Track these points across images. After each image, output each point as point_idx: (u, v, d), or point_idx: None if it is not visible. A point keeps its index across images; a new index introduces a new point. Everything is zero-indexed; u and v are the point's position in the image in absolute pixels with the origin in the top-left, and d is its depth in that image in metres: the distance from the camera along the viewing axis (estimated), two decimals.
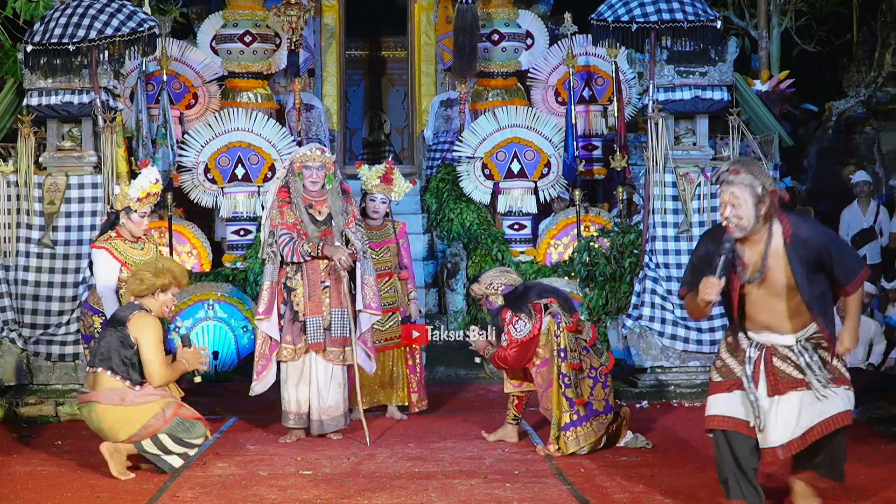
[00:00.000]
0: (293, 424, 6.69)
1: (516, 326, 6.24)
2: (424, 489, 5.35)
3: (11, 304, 7.75)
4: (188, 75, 10.85)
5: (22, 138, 7.81)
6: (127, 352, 5.63)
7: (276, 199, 6.69)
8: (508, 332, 6.26)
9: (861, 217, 11.04)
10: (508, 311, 6.30)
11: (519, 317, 6.24)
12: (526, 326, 6.23)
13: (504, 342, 6.30)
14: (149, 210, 6.51)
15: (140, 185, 6.45)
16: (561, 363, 6.18)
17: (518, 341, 6.23)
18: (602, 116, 11.24)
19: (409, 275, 7.57)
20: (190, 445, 5.71)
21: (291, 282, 6.63)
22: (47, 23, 7.61)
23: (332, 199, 6.69)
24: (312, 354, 6.65)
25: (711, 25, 7.94)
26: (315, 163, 6.64)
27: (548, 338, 6.24)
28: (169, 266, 5.83)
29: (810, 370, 4.50)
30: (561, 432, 6.13)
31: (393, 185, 7.45)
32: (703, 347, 8.12)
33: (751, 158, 4.94)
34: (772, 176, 8.01)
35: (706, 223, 8.09)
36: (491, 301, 6.49)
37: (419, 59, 12.51)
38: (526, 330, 6.22)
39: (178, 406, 5.74)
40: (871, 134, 13.31)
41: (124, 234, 6.44)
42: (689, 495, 5.19)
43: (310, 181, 6.63)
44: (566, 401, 6.15)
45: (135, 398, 5.62)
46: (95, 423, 5.66)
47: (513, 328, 6.24)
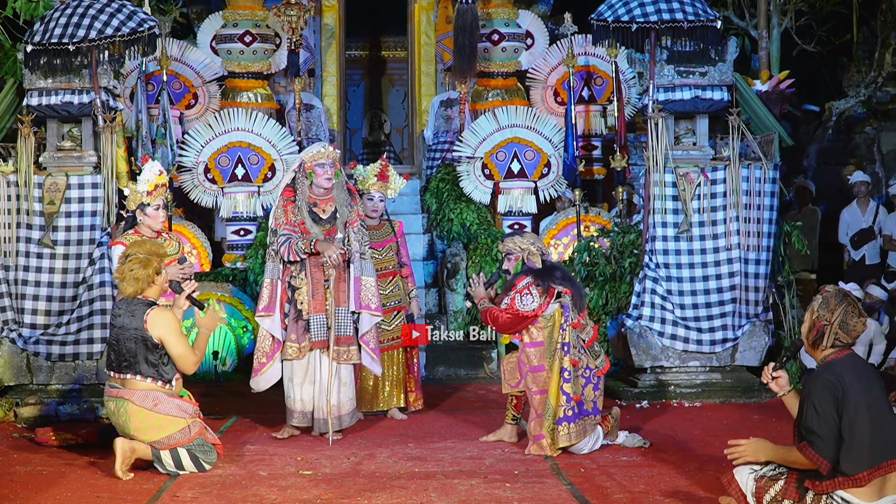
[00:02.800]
0: (297, 423, 6.72)
1: (524, 299, 6.16)
2: (424, 489, 5.35)
3: (11, 304, 7.75)
4: (188, 75, 10.85)
5: (22, 138, 7.80)
6: (153, 355, 5.66)
7: (281, 199, 6.75)
8: (513, 298, 6.18)
9: (860, 217, 11.04)
10: (528, 278, 6.21)
11: (531, 290, 6.16)
12: (533, 302, 6.17)
13: (504, 304, 6.24)
14: (162, 202, 6.60)
15: (146, 178, 6.57)
16: (564, 357, 6.16)
17: (517, 312, 6.17)
18: (602, 116, 11.24)
19: (408, 272, 7.61)
20: (201, 467, 5.72)
21: (295, 280, 6.67)
22: (47, 23, 7.61)
23: (337, 192, 6.76)
24: (317, 353, 6.67)
25: (711, 25, 7.94)
26: (328, 160, 6.72)
27: (546, 322, 6.20)
28: (148, 250, 5.76)
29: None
30: (556, 425, 6.12)
31: (389, 183, 7.48)
32: (703, 347, 8.12)
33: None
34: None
35: (706, 223, 8.10)
36: (530, 259, 6.32)
37: (419, 59, 12.52)
38: (531, 306, 6.17)
39: (202, 427, 5.79)
40: (871, 134, 13.32)
41: (144, 231, 6.56)
42: (689, 495, 5.19)
43: (325, 178, 6.68)
44: (563, 395, 6.14)
45: (168, 409, 5.65)
46: (123, 418, 5.66)
47: (519, 298, 6.17)
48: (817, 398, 4.32)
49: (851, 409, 4.27)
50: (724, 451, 4.63)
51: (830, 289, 4.53)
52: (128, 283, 5.73)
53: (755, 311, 8.17)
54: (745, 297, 8.12)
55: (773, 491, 4.44)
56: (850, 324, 4.41)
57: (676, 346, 8.13)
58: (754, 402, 7.95)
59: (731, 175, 8.07)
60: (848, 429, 4.28)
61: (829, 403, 4.29)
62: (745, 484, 4.56)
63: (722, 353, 8.14)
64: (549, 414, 6.15)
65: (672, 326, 8.12)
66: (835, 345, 4.42)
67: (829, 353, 4.43)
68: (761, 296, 8.17)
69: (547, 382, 6.18)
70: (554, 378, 6.17)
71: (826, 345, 4.42)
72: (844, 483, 4.29)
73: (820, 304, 4.45)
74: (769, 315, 8.24)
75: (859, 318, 4.43)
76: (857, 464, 4.28)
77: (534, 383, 6.22)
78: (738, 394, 8.05)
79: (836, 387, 4.29)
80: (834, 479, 4.31)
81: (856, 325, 4.43)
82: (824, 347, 4.43)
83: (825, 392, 4.30)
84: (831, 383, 4.31)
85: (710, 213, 8.11)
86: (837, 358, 4.41)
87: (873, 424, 4.29)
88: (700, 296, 8.11)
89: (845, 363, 4.39)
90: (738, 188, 8.07)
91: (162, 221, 6.63)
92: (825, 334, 4.42)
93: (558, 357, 6.18)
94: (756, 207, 8.08)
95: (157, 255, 5.76)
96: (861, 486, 4.28)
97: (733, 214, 8.07)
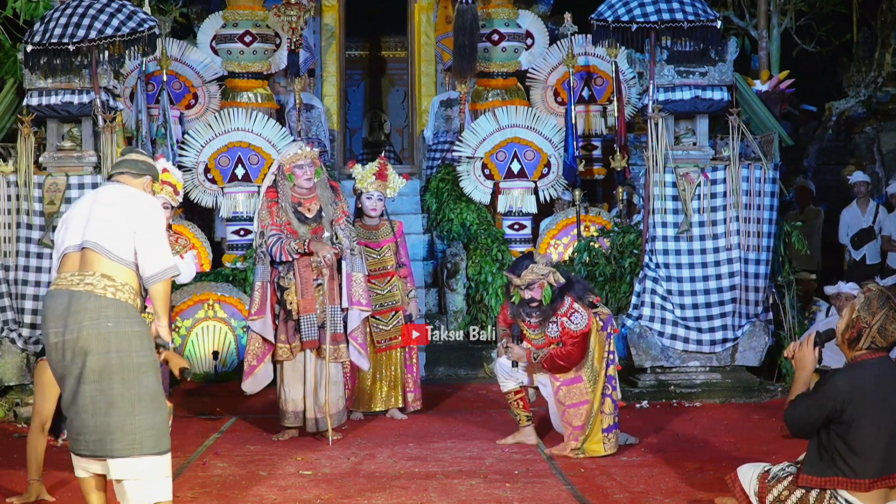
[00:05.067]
0: (290, 423, 6.73)
1: (573, 318, 5.99)
2: (424, 489, 5.35)
3: (11, 304, 7.75)
4: (188, 75, 10.85)
5: (22, 138, 7.81)
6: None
7: (265, 201, 6.75)
8: (563, 324, 6.00)
9: (860, 217, 11.03)
10: (566, 298, 6.03)
11: (574, 307, 6.02)
12: (584, 318, 6.01)
13: (551, 332, 6.04)
14: (167, 203, 6.38)
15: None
16: (609, 366, 6.15)
17: (578, 334, 5.99)
18: (602, 116, 11.24)
19: (407, 272, 7.59)
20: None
21: (284, 281, 6.66)
22: (47, 23, 7.61)
23: (320, 191, 6.76)
24: (307, 352, 6.68)
25: (711, 25, 7.94)
26: (306, 160, 6.71)
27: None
28: None
29: None
30: (603, 434, 6.10)
31: (388, 181, 7.46)
32: (703, 347, 8.12)
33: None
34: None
35: (706, 223, 8.10)
36: (554, 279, 6.07)
37: (419, 59, 12.51)
38: (583, 322, 6.01)
39: None
40: (871, 134, 13.31)
41: None
42: (689, 495, 5.19)
43: (304, 179, 6.68)
44: (612, 403, 6.13)
45: None
46: None
47: (568, 320, 5.99)
48: (819, 396, 4.29)
49: (854, 421, 4.19)
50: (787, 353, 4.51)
51: (874, 288, 4.38)
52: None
53: (755, 311, 8.17)
54: (745, 297, 8.13)
55: (777, 491, 4.42)
56: (888, 329, 4.28)
57: (676, 346, 8.14)
58: (754, 402, 7.95)
59: (731, 175, 8.08)
60: (842, 437, 4.23)
61: (823, 408, 4.25)
62: (748, 483, 4.54)
63: (722, 353, 8.14)
64: (593, 423, 6.11)
65: (672, 326, 8.12)
66: (870, 347, 4.30)
67: (862, 353, 4.31)
68: (761, 296, 8.17)
69: (586, 394, 6.13)
70: (598, 388, 6.13)
71: (862, 346, 4.30)
72: (843, 483, 4.27)
73: (861, 305, 4.30)
74: (769, 315, 8.24)
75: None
76: (862, 469, 4.24)
77: (567, 397, 6.16)
78: (738, 394, 8.06)
79: (839, 397, 4.21)
80: (832, 478, 4.29)
81: (894, 332, 4.29)
82: (859, 348, 4.32)
83: (826, 397, 4.25)
84: (839, 391, 4.22)
85: (710, 213, 8.11)
86: (867, 359, 4.29)
87: (893, 433, 4.22)
88: (700, 296, 8.12)
89: (872, 367, 4.28)
90: (738, 188, 8.07)
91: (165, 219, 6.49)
92: (863, 336, 4.29)
93: (603, 367, 6.12)
94: (756, 207, 8.09)
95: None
96: (862, 491, 4.25)
97: (733, 214, 8.08)
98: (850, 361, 4.36)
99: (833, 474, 4.28)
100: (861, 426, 4.22)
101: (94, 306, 4.30)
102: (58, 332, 4.33)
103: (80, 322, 4.28)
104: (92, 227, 4.40)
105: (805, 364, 4.45)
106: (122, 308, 4.34)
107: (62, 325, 4.31)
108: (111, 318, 4.30)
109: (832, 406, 4.23)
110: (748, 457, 5.71)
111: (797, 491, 4.36)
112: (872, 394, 4.23)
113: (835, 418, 4.24)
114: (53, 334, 4.36)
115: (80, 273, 4.36)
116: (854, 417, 4.21)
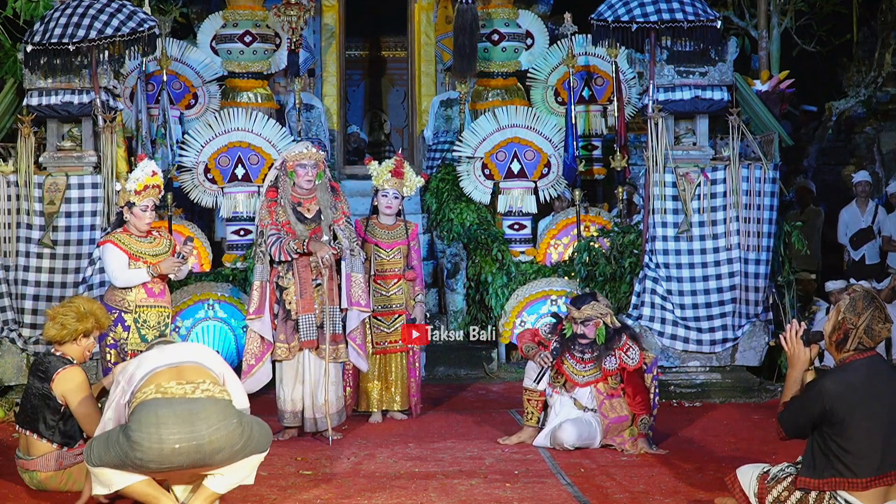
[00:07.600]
0: (289, 423, 6.73)
1: (629, 353, 6.32)
2: (424, 489, 5.35)
3: (11, 304, 7.75)
4: (188, 75, 10.85)
5: (22, 138, 7.80)
6: (54, 416, 5.41)
7: (265, 200, 6.75)
8: (620, 357, 6.30)
9: (859, 217, 11.04)
10: (624, 337, 6.34)
11: (631, 345, 6.34)
12: (637, 355, 6.33)
13: (609, 365, 6.29)
14: (151, 203, 6.38)
15: (136, 177, 6.38)
16: (655, 408, 6.39)
17: (635, 369, 6.31)
18: (602, 116, 11.24)
19: (415, 276, 7.45)
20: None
21: (283, 280, 6.66)
22: (47, 23, 7.61)
23: (320, 194, 6.75)
24: (306, 352, 6.68)
25: (711, 25, 7.94)
26: (310, 161, 6.70)
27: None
28: (91, 309, 5.52)
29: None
30: (650, 432, 6.32)
31: (404, 179, 7.40)
32: (703, 347, 8.12)
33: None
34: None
35: (706, 223, 8.10)
36: (613, 324, 6.41)
37: (419, 59, 12.51)
38: (637, 358, 6.33)
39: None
40: (871, 134, 13.32)
41: (131, 230, 6.41)
42: (689, 495, 5.19)
43: (305, 179, 6.67)
44: (655, 408, 6.38)
45: (74, 459, 5.38)
46: (40, 487, 5.44)
47: (625, 354, 6.31)
48: (808, 399, 4.29)
49: (846, 421, 4.20)
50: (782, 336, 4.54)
51: (858, 289, 4.39)
52: (52, 326, 5.47)
53: (755, 311, 8.17)
54: (745, 297, 8.13)
55: (776, 492, 4.42)
56: (875, 329, 4.29)
57: (676, 346, 8.14)
58: (754, 402, 7.95)
59: (731, 175, 8.08)
60: (836, 438, 4.24)
61: (812, 411, 4.25)
62: (747, 484, 4.54)
63: (722, 353, 8.15)
64: (643, 422, 6.30)
65: (672, 326, 8.12)
66: (858, 348, 4.31)
67: (850, 354, 4.32)
68: (761, 296, 8.17)
69: (624, 408, 6.35)
70: (647, 393, 6.36)
71: (849, 347, 4.31)
72: (841, 484, 4.27)
73: (847, 306, 4.31)
74: (769, 315, 8.24)
75: (885, 323, 4.31)
76: (859, 469, 4.24)
77: (612, 410, 6.35)
78: (738, 394, 8.06)
79: (827, 400, 4.22)
80: (830, 479, 4.29)
81: (881, 331, 4.30)
82: (847, 350, 4.33)
83: (814, 400, 4.26)
84: (827, 394, 4.22)
85: (710, 213, 8.11)
86: (856, 359, 4.30)
87: (890, 431, 4.22)
88: (700, 296, 8.12)
89: (862, 367, 4.29)
90: (738, 188, 8.07)
91: (148, 223, 6.41)
92: (850, 337, 4.30)
93: (652, 377, 6.41)
94: (756, 207, 8.09)
95: (96, 320, 5.52)
96: (860, 491, 4.25)
97: (733, 214, 8.08)
98: (838, 363, 4.36)
99: (831, 475, 4.28)
100: (854, 426, 4.22)
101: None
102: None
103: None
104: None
105: (795, 363, 4.47)
106: None
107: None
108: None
109: (821, 408, 4.23)
110: (748, 457, 5.72)
111: (797, 492, 4.36)
112: (863, 393, 4.23)
113: (826, 420, 4.24)
114: None
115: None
116: (846, 418, 4.22)
